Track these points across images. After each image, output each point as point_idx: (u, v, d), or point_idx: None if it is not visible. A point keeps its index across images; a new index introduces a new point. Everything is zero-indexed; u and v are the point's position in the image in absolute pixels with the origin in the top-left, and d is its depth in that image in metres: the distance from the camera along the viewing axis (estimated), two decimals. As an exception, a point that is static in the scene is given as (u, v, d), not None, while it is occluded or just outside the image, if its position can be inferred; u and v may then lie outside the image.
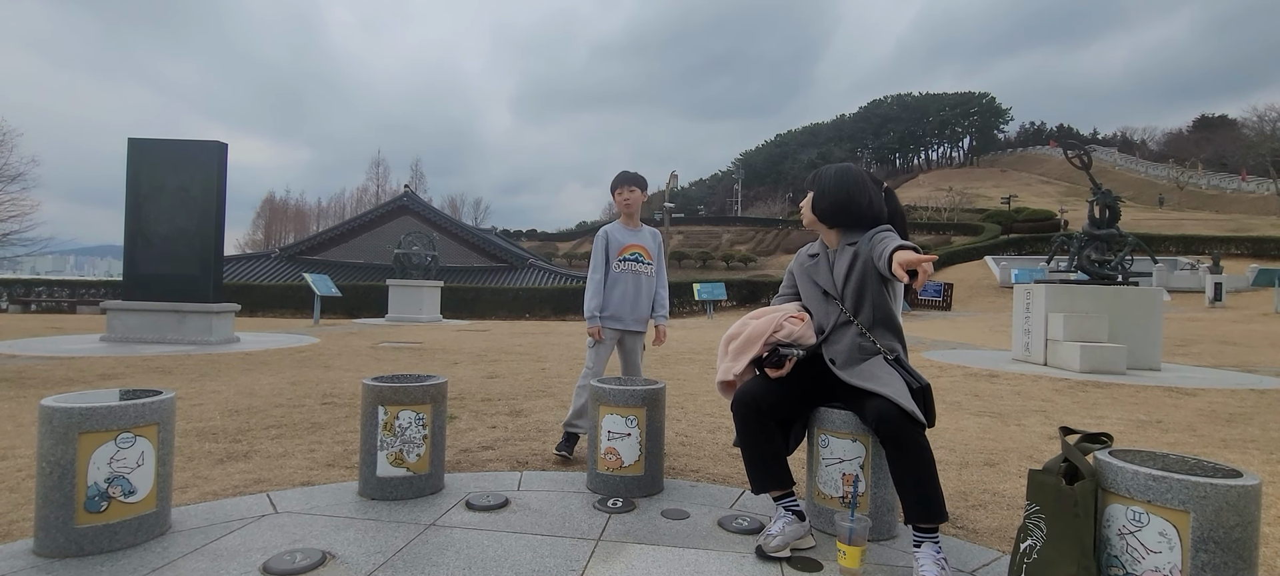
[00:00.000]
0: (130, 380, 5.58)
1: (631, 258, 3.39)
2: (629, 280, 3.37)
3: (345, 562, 1.95)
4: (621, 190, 3.41)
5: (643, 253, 3.42)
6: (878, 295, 2.23)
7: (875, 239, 2.16)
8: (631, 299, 3.36)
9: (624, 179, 3.41)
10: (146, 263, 8.71)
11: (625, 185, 3.40)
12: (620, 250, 3.40)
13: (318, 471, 2.95)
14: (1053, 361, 7.41)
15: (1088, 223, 8.62)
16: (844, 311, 2.25)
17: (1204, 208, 55.25)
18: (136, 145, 8.80)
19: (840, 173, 2.33)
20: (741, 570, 1.98)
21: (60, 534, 1.92)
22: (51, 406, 1.94)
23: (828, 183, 2.31)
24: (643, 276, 3.41)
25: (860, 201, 2.27)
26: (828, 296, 2.32)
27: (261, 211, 66.93)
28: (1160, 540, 1.51)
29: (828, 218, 2.31)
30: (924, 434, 1.99)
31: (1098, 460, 1.68)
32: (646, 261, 3.43)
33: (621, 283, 3.36)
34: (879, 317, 2.23)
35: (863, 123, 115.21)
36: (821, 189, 2.31)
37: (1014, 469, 3.17)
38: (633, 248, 3.42)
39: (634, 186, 3.40)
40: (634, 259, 3.39)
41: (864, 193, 2.28)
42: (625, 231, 3.45)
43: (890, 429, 1.97)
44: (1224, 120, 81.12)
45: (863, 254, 2.21)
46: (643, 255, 3.42)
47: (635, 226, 3.46)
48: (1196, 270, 28.95)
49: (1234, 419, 4.52)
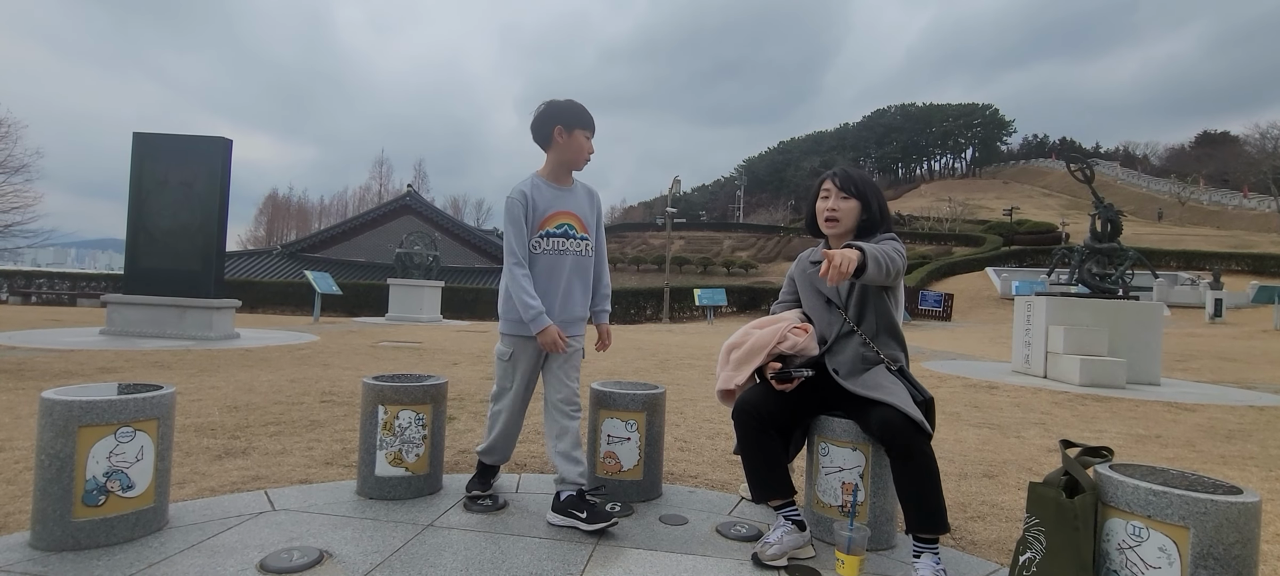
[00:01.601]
0: (130, 374, 5.58)
1: (559, 231, 2.38)
2: (556, 264, 2.38)
3: (342, 561, 1.95)
4: (573, 134, 2.37)
5: (575, 223, 2.41)
6: (881, 304, 2.22)
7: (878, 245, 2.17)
8: (563, 290, 2.38)
9: (580, 117, 2.38)
10: (148, 257, 8.72)
11: (581, 128, 2.38)
12: (544, 220, 2.36)
13: (316, 469, 2.94)
14: (1052, 374, 7.41)
15: (1089, 236, 8.63)
16: (847, 321, 2.25)
17: (1205, 223, 55.30)
18: (141, 139, 8.81)
19: (867, 176, 2.33)
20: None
21: (57, 527, 1.91)
22: (52, 399, 1.94)
23: (869, 186, 2.30)
24: (579, 259, 2.42)
25: (880, 208, 2.30)
26: (831, 305, 2.30)
27: (264, 208, 67.10)
28: (1160, 555, 1.51)
29: (860, 229, 2.28)
30: (929, 443, 1.98)
31: (1098, 474, 1.68)
32: (582, 236, 2.43)
33: (545, 268, 2.37)
34: (882, 326, 2.23)
35: (866, 131, 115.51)
36: (867, 192, 2.27)
37: (1013, 481, 3.17)
38: (562, 216, 2.38)
39: (590, 130, 2.41)
40: (562, 232, 2.39)
41: (881, 199, 2.31)
42: (553, 190, 2.39)
43: (896, 437, 1.96)
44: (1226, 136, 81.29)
45: None
46: (575, 227, 2.40)
47: (567, 183, 2.44)
48: (1197, 286, 28.95)
49: (1233, 435, 4.51)
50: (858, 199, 2.26)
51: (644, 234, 67.57)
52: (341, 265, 30.46)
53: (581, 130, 2.39)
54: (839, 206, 2.26)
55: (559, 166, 2.43)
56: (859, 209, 2.26)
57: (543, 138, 2.41)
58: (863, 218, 2.27)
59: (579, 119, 2.38)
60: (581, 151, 2.40)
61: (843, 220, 2.26)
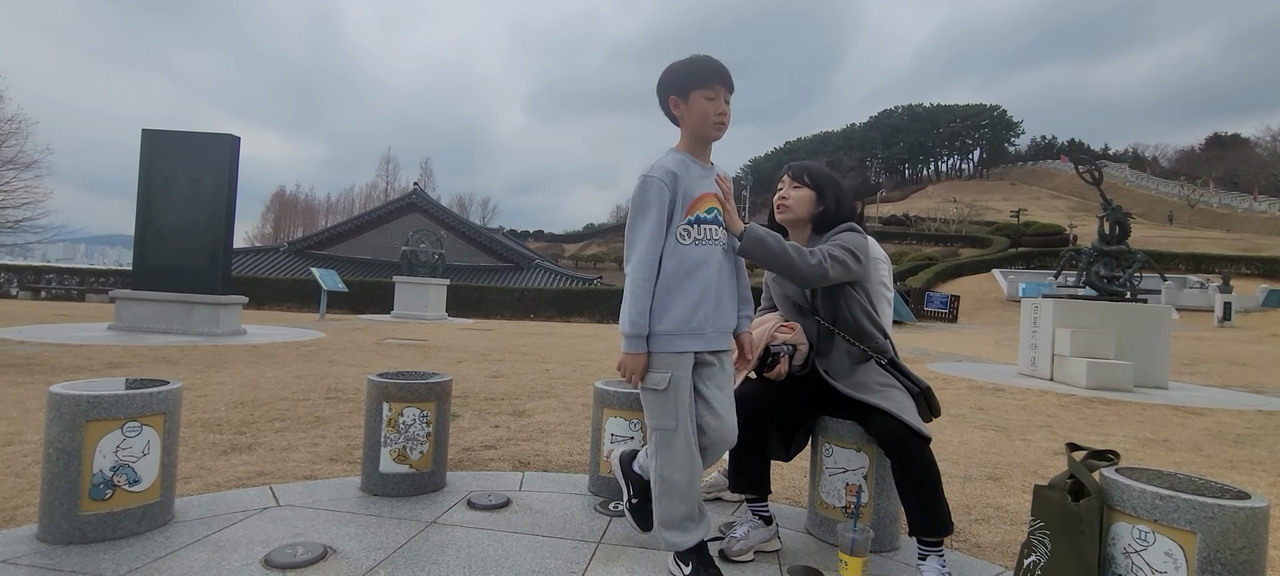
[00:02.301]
0: (137, 369, 5.61)
1: (710, 216, 1.93)
2: (706, 258, 1.89)
3: (346, 557, 1.96)
4: (690, 98, 1.90)
5: (720, 208, 1.96)
6: (851, 298, 2.19)
7: (832, 238, 2.16)
8: (716, 291, 1.91)
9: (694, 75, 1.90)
10: (156, 253, 8.78)
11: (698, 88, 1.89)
12: (692, 204, 1.89)
13: (320, 466, 2.95)
14: (1059, 377, 7.37)
15: (1097, 238, 8.59)
16: (823, 323, 2.23)
17: (1215, 226, 54.90)
18: (150, 136, 8.87)
19: (830, 172, 2.32)
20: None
21: (64, 520, 1.93)
22: (60, 393, 1.95)
23: (826, 179, 2.28)
24: (728, 252, 1.98)
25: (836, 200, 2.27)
26: (800, 308, 2.30)
27: (271, 205, 67.43)
28: (1166, 560, 1.50)
29: (818, 221, 2.27)
30: (929, 448, 1.98)
31: (1104, 477, 1.67)
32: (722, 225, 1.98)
33: (693, 263, 1.87)
34: (860, 318, 2.19)
35: (872, 132, 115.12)
36: (822, 183, 2.26)
37: (1018, 483, 3.15)
38: (711, 199, 1.94)
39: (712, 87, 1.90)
40: (713, 217, 1.93)
41: (840, 193, 2.29)
42: (700, 168, 1.94)
43: (896, 446, 1.96)
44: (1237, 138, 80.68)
45: None
46: (720, 213, 1.97)
47: (707, 162, 1.99)
48: (1206, 289, 28.74)
49: (1241, 440, 4.48)
50: (812, 188, 2.27)
51: (649, 233, 67.32)
52: (348, 262, 30.59)
53: (699, 90, 1.89)
54: (790, 194, 2.28)
55: (693, 140, 1.96)
56: (813, 198, 2.26)
57: (667, 114, 1.98)
58: (818, 209, 2.27)
59: (693, 77, 1.90)
60: (705, 118, 1.90)
61: (794, 208, 2.27)
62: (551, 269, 35.12)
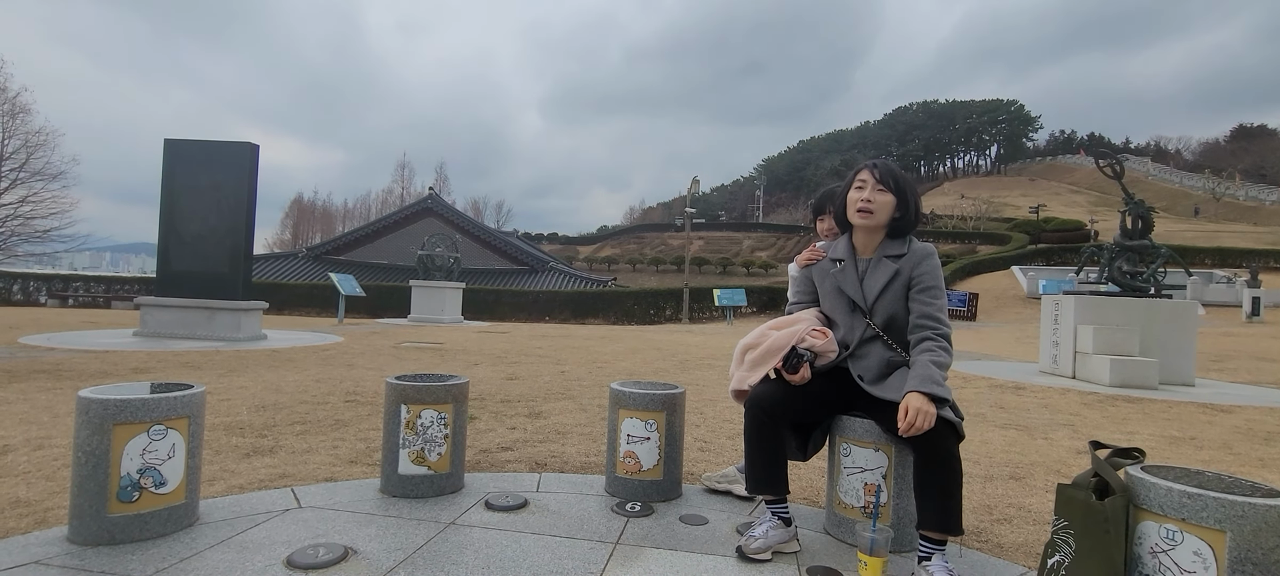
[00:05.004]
0: (161, 374, 5.72)
1: None
2: None
3: (366, 558, 1.98)
4: None
5: None
6: (905, 311, 2.18)
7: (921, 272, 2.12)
8: None
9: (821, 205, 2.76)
10: (179, 260, 8.93)
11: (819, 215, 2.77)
12: None
13: (340, 468, 2.99)
14: (1081, 374, 7.24)
15: (1119, 233, 8.43)
16: (872, 326, 2.20)
17: (1242, 219, 53.69)
18: (172, 145, 9.03)
19: (906, 173, 2.25)
20: (760, 578, 1.97)
21: (93, 522, 1.97)
22: (88, 397, 2.00)
23: (908, 184, 2.21)
24: None
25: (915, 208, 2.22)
26: (855, 308, 2.24)
27: (290, 211, 68.30)
28: (1195, 559, 1.47)
29: (893, 227, 2.21)
30: (958, 443, 1.96)
31: (1129, 476, 1.64)
32: None
33: None
34: (905, 328, 2.19)
35: (888, 129, 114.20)
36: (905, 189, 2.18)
37: (1040, 483, 3.11)
38: None
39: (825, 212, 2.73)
40: None
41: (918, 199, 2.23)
42: None
43: (929, 437, 1.91)
44: (1263, 129, 78.84)
45: (905, 274, 2.15)
46: None
47: None
48: (1233, 284, 28.10)
49: (1273, 437, 4.38)
50: (895, 194, 2.17)
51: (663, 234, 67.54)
52: (365, 267, 30.90)
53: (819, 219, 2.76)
54: (875, 198, 2.15)
55: None
56: (894, 204, 2.17)
57: None
58: (897, 215, 2.19)
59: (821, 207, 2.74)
60: None
61: (877, 213, 2.16)
62: (566, 271, 35.21)
